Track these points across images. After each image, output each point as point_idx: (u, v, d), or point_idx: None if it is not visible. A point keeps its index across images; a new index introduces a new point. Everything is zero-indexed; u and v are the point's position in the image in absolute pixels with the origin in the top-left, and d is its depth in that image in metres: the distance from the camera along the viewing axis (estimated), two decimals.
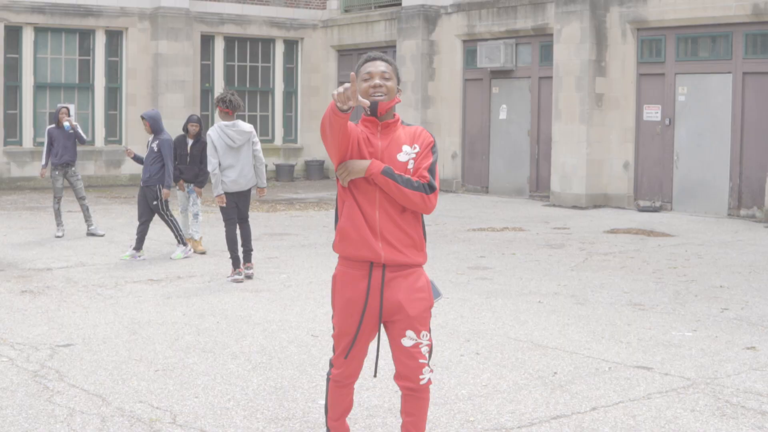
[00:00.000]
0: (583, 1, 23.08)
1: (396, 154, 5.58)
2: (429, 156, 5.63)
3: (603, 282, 13.21)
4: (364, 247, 5.56)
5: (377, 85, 5.54)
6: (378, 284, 5.60)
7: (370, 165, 5.48)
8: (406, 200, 5.50)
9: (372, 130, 5.61)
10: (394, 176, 5.47)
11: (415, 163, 5.59)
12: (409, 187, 5.48)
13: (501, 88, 26.64)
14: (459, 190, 27.72)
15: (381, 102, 5.54)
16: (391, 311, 5.64)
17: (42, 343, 9.59)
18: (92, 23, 28.54)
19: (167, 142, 15.43)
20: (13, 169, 27.20)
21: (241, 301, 11.85)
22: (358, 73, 5.61)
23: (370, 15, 30.74)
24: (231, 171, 13.53)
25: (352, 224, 5.57)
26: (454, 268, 14.39)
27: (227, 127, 13.48)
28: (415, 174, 5.56)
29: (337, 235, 5.68)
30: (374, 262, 5.59)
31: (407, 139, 5.64)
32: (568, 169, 23.54)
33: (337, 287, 5.77)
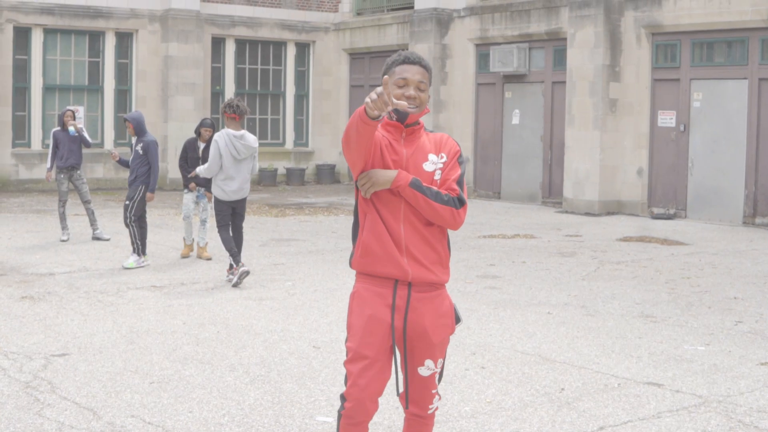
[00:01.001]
0: (598, 5, 22.78)
1: (422, 164, 5.18)
2: (456, 167, 5.25)
3: (614, 292, 12.92)
4: (389, 263, 5.13)
5: (411, 97, 5.12)
6: (403, 304, 5.16)
7: (397, 176, 5.06)
8: (435, 215, 5.09)
9: (395, 136, 5.21)
10: (422, 189, 5.07)
11: (442, 174, 5.19)
12: (438, 201, 5.07)
13: (514, 92, 26.36)
14: (471, 196, 27.43)
15: (411, 115, 5.15)
16: (413, 336, 5.21)
17: (37, 353, 9.36)
18: (102, 25, 28.35)
19: (153, 144, 15.14)
20: (21, 171, 27.03)
21: (243, 310, 11.60)
22: (391, 72, 5.20)
23: (382, 18, 30.49)
24: (231, 182, 13.54)
25: (377, 239, 5.14)
26: (462, 277, 14.12)
27: (236, 138, 13.43)
28: (442, 186, 5.17)
29: (358, 249, 5.22)
30: (399, 280, 5.15)
31: (432, 147, 5.25)
32: (581, 175, 23.25)
33: (357, 304, 5.27)
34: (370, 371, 5.16)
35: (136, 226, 15.03)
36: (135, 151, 15.19)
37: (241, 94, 31.09)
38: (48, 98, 27.86)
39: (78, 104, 28.05)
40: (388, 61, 5.27)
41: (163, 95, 28.93)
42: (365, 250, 5.19)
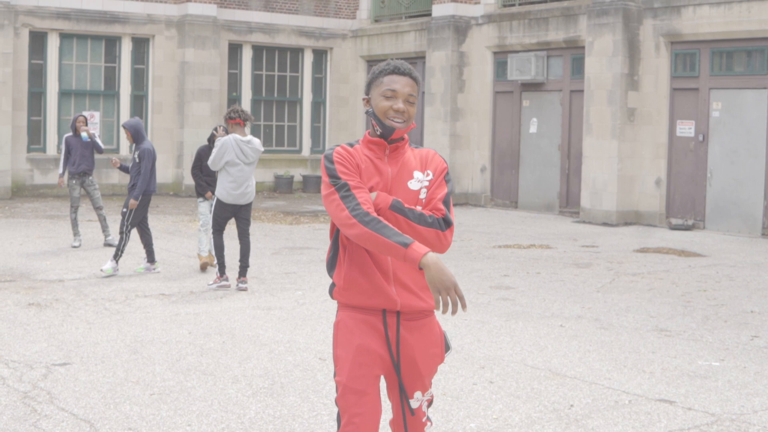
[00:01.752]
0: (616, 13, 22.56)
1: (407, 182, 4.86)
2: (443, 185, 4.91)
3: (629, 305, 12.70)
4: (377, 294, 4.78)
5: (400, 110, 4.81)
6: (392, 332, 4.83)
7: (376, 199, 4.73)
8: (419, 238, 4.71)
9: (378, 154, 4.88)
10: (404, 211, 4.73)
11: (428, 193, 4.87)
12: (422, 223, 4.73)
13: (531, 101, 26.15)
14: (488, 205, 27.23)
15: (398, 129, 4.82)
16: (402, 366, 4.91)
17: (38, 362, 9.21)
18: (118, 30, 28.28)
19: (148, 152, 14.96)
20: (36, 176, 26.96)
21: (250, 320, 11.43)
22: (380, 81, 4.87)
23: (400, 25, 30.32)
24: (234, 185, 13.54)
25: (362, 271, 4.79)
26: (476, 288, 13.92)
27: (243, 142, 13.47)
28: (428, 205, 4.84)
29: (342, 282, 4.85)
30: (387, 310, 4.82)
31: (418, 163, 4.92)
32: (599, 184, 23.01)
33: (343, 334, 4.89)
34: (365, 406, 4.81)
35: (128, 236, 14.87)
36: (132, 159, 15.05)
37: (257, 100, 31.00)
38: (64, 103, 27.78)
39: (94, 110, 27.98)
40: (374, 70, 4.95)
41: (180, 101, 28.83)
42: (349, 282, 4.83)
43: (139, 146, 14.96)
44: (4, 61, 25.98)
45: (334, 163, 4.77)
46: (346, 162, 4.77)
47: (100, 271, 14.58)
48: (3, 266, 15.20)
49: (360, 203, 4.63)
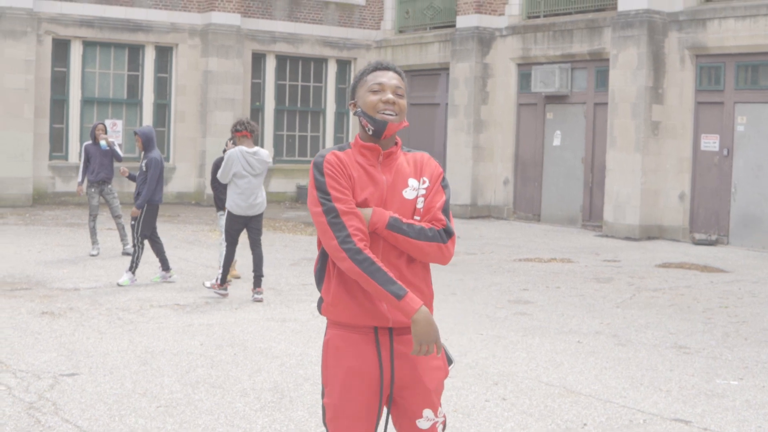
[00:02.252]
0: (641, 26, 22.37)
1: (402, 191, 4.58)
2: (440, 192, 4.65)
3: (649, 321, 12.50)
4: (366, 312, 4.51)
5: (390, 101, 4.55)
6: (386, 350, 4.54)
7: (372, 217, 4.46)
8: (420, 253, 4.51)
9: (371, 161, 4.59)
10: (402, 229, 4.47)
11: (425, 202, 4.59)
12: (422, 238, 4.49)
13: (555, 113, 25.97)
14: (510, 218, 27.04)
15: (391, 123, 4.55)
16: (403, 384, 4.58)
17: (46, 372, 9.11)
18: (142, 38, 28.27)
19: (155, 161, 14.84)
20: (57, 184, 26.95)
21: (264, 331, 11.30)
22: (364, 80, 4.65)
23: (424, 36, 30.19)
24: (243, 197, 13.54)
25: (350, 285, 4.50)
26: (494, 301, 13.76)
27: (249, 154, 13.48)
28: (426, 215, 4.57)
29: (330, 297, 4.56)
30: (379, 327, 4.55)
31: (412, 169, 4.65)
32: (622, 198, 22.80)
33: (333, 355, 4.62)
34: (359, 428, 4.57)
35: (141, 247, 14.77)
36: (140, 168, 14.92)
37: (281, 110, 30.92)
38: (86, 111, 27.77)
39: (116, 118, 27.96)
40: (357, 74, 4.74)
41: (202, 110, 28.78)
42: (338, 298, 4.55)
43: (147, 155, 14.86)
44: (27, 68, 25.99)
45: (324, 175, 4.50)
46: (338, 174, 4.50)
47: (117, 285, 14.48)
48: (20, 274, 15.15)
49: (350, 234, 4.39)
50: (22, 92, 25.92)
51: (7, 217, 23.29)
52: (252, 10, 30.03)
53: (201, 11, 29.07)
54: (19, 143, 25.93)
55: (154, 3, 28.43)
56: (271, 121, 30.71)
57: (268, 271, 16.00)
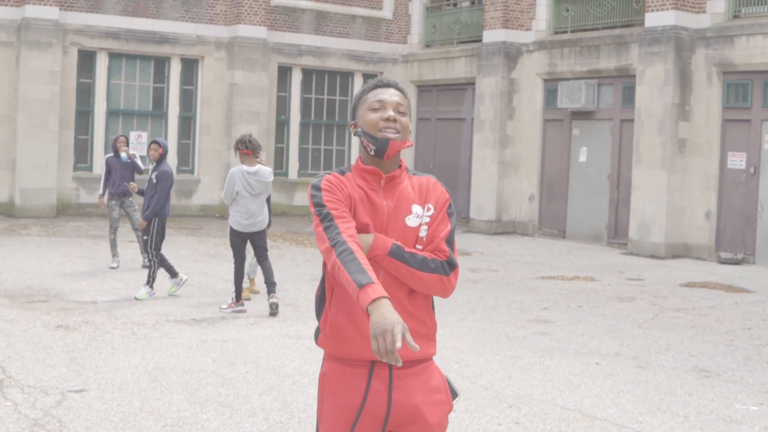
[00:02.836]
0: (668, 42, 22.16)
1: (404, 217, 4.32)
2: (446, 221, 4.38)
3: (670, 342, 12.29)
4: (364, 345, 4.22)
5: (391, 119, 4.29)
6: (384, 384, 4.26)
7: (374, 243, 4.22)
8: (420, 285, 4.26)
9: (372, 185, 4.33)
10: (405, 258, 4.23)
11: (429, 230, 4.34)
12: (425, 269, 4.24)
13: (581, 129, 25.77)
14: (535, 234, 26.83)
15: (393, 141, 4.27)
16: (403, 419, 4.29)
17: (54, 387, 9.00)
18: (168, 51, 28.26)
19: (167, 175, 14.75)
20: (81, 195, 26.94)
21: (278, 348, 11.16)
22: (364, 99, 4.40)
23: (450, 51, 30.04)
24: (245, 215, 13.63)
25: (348, 317, 4.24)
26: (513, 320, 13.58)
27: (249, 174, 13.56)
28: (429, 245, 4.32)
29: (327, 329, 4.31)
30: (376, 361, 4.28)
31: (416, 195, 4.38)
32: (648, 216, 22.57)
33: (328, 390, 4.37)
34: None
35: (157, 260, 14.68)
36: (149, 180, 14.77)
37: (306, 123, 30.82)
38: (111, 123, 27.76)
39: (141, 130, 27.96)
40: (356, 94, 4.51)
41: (228, 123, 28.73)
42: (335, 330, 4.29)
43: (158, 167, 14.74)
44: (52, 79, 26.02)
45: (321, 190, 4.28)
46: (335, 189, 4.28)
47: (134, 299, 14.38)
48: (38, 286, 15.09)
49: (340, 231, 4.14)
50: (47, 103, 25.95)
51: (30, 228, 23.28)
52: (278, 24, 29.98)
53: (227, 24, 29.05)
54: (43, 154, 25.95)
55: (181, 15, 28.43)
56: (296, 135, 30.63)
57: (287, 286, 15.90)
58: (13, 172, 25.90)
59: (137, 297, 14.38)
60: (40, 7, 25.89)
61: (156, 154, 14.75)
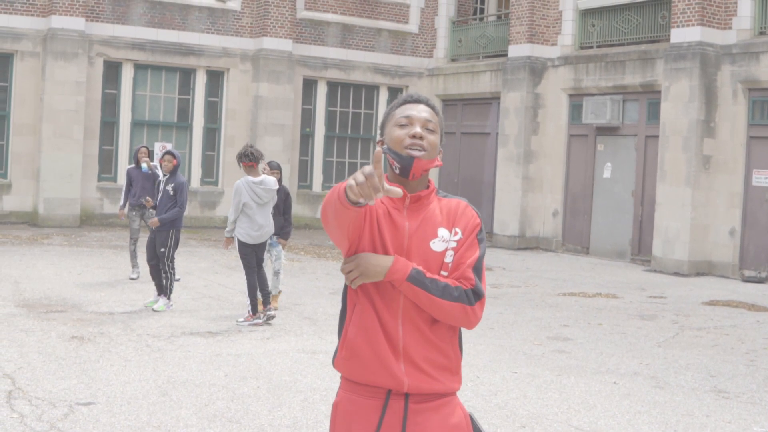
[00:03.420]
0: (694, 57, 21.99)
1: (429, 241, 4.04)
2: (474, 246, 4.09)
3: (690, 362, 12.13)
4: (380, 370, 3.99)
5: (417, 135, 4.04)
6: (398, 419, 4.02)
7: (393, 266, 3.94)
8: (442, 313, 3.97)
9: (396, 204, 4.07)
10: (425, 284, 3.94)
11: (455, 256, 4.05)
12: (446, 297, 3.94)
13: (606, 145, 25.60)
14: (558, 250, 26.66)
15: (418, 159, 4.02)
16: None
17: (62, 400, 8.94)
18: (193, 62, 28.27)
19: (185, 186, 14.75)
20: (105, 206, 26.96)
21: (292, 363, 11.07)
22: (392, 115, 4.16)
23: (476, 65, 29.94)
24: (254, 226, 13.71)
25: (366, 337, 4.00)
26: (532, 337, 13.44)
27: (255, 184, 13.65)
28: (454, 272, 4.03)
29: (344, 350, 4.08)
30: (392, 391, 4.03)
31: (445, 218, 4.11)
32: (671, 233, 22.37)
33: (339, 421, 4.15)
34: None
35: (173, 272, 14.61)
36: (164, 191, 14.65)
37: (331, 136, 30.77)
38: (136, 133, 27.79)
39: (166, 141, 27.97)
40: (386, 110, 4.24)
41: (252, 135, 28.69)
42: (352, 352, 4.05)
43: (173, 178, 14.65)
44: (77, 89, 26.07)
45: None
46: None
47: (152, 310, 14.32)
48: (57, 296, 15.06)
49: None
50: (72, 113, 26.00)
51: (52, 237, 23.31)
52: (304, 37, 29.96)
53: (253, 36, 29.05)
54: (68, 164, 26.00)
55: (206, 27, 28.45)
56: (321, 148, 30.58)
57: (306, 299, 15.83)
58: (38, 182, 25.95)
59: (154, 308, 14.33)
60: (67, 17, 25.96)
61: (170, 165, 14.66)
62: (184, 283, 17.14)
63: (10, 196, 26.14)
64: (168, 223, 14.52)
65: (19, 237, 22.86)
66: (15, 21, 25.92)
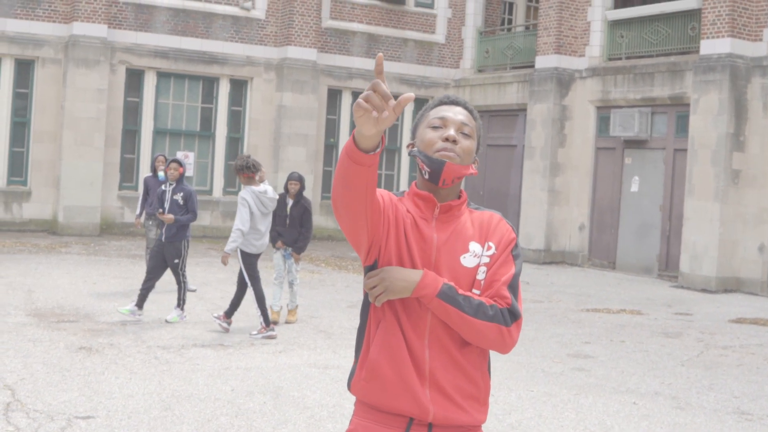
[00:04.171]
0: (723, 70, 21.57)
1: (459, 256, 3.69)
2: (510, 262, 3.73)
3: (713, 382, 11.74)
4: (403, 395, 3.61)
5: (451, 138, 3.69)
6: None
7: (421, 281, 3.58)
8: (475, 335, 3.61)
9: (425, 213, 3.72)
10: (457, 301, 3.58)
11: (488, 273, 3.69)
12: (481, 316, 3.58)
13: (634, 158, 25.20)
14: (584, 265, 26.25)
15: (450, 164, 3.66)
16: None
17: (61, 413, 8.66)
18: (217, 71, 28.06)
19: (195, 194, 14.50)
20: (126, 214, 26.74)
21: (302, 379, 10.75)
22: (426, 116, 3.82)
23: (503, 76, 29.60)
24: (258, 236, 13.60)
25: (390, 358, 3.63)
26: (552, 355, 13.08)
27: (261, 194, 13.59)
28: (487, 290, 3.68)
29: (363, 370, 3.70)
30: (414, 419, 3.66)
31: (476, 232, 3.75)
32: (699, 248, 21.93)
33: None
34: None
35: (185, 282, 14.34)
36: (172, 201, 14.32)
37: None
38: (158, 142, 27.58)
39: (188, 150, 27.77)
40: (419, 113, 3.91)
41: (275, 145, 28.46)
42: (372, 373, 3.66)
43: (181, 187, 14.35)
44: (99, 97, 25.89)
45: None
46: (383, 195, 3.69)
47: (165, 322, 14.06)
48: (70, 305, 14.83)
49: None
50: (93, 121, 25.83)
51: (71, 246, 23.11)
52: (329, 46, 29.71)
53: (277, 45, 28.82)
54: (88, 172, 25.82)
55: (230, 36, 28.24)
56: None
57: (323, 312, 15.57)
58: (58, 190, 25.78)
59: (168, 320, 14.06)
60: (89, 24, 25.80)
61: (176, 174, 14.36)
62: (201, 294, 16.90)
63: (30, 203, 25.97)
64: (180, 234, 14.20)
65: (37, 245, 22.67)
66: (37, 27, 25.78)
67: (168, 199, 14.30)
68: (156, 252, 14.33)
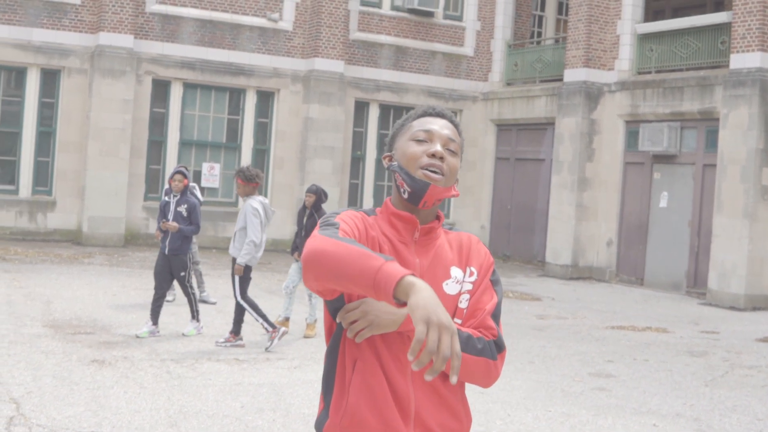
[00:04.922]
0: (753, 84, 21.24)
1: (442, 282, 3.40)
2: (490, 289, 3.48)
3: (737, 404, 11.45)
4: None
5: (438, 155, 3.41)
6: None
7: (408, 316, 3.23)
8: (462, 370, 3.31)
9: (403, 236, 3.43)
10: None
11: (471, 300, 3.43)
12: (470, 350, 3.31)
13: (663, 173, 24.87)
14: (612, 281, 25.93)
15: (434, 186, 3.40)
16: None
17: (65, 428, 8.50)
18: (243, 82, 27.94)
19: (198, 207, 14.30)
20: (151, 225, 26.62)
21: (314, 395, 10.53)
22: (408, 126, 3.52)
23: (531, 90, 29.34)
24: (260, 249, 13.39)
25: (372, 402, 3.31)
26: (572, 373, 12.81)
27: (267, 206, 13.52)
28: (469, 319, 3.42)
29: (339, 413, 3.37)
30: None
31: (456, 255, 3.49)
32: (728, 266, 21.59)
33: None
34: None
35: (194, 293, 14.16)
36: (176, 213, 14.17)
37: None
38: (184, 153, 27.46)
39: (214, 161, 27.65)
40: (398, 122, 3.60)
41: (301, 157, 28.30)
42: (353, 419, 3.33)
43: (185, 199, 14.17)
44: (125, 107, 25.82)
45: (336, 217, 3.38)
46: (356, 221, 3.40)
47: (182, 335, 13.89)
48: (88, 317, 14.70)
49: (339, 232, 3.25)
50: (119, 132, 25.75)
51: (94, 256, 23.02)
52: (356, 58, 29.55)
53: (304, 57, 28.68)
54: (113, 183, 25.74)
55: (257, 47, 28.12)
56: (372, 171, 30.07)
57: None
58: (82, 200, 25.71)
59: (184, 333, 13.90)
60: (115, 35, 25.74)
61: (181, 185, 14.16)
62: (220, 307, 16.74)
63: (55, 213, 25.91)
64: (184, 246, 14.01)
65: (60, 255, 22.58)
66: (63, 37, 25.74)
67: (172, 211, 14.13)
68: (161, 266, 14.12)
